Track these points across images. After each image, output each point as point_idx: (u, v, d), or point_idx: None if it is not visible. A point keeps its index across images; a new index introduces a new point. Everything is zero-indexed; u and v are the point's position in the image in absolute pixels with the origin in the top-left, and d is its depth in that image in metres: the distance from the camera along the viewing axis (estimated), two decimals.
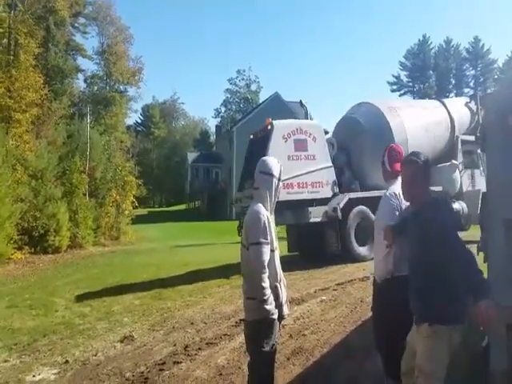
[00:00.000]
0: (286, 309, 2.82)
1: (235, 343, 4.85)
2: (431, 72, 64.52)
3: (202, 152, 51.05)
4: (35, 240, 14.90)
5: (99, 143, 22.30)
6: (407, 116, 10.92)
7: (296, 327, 5.30)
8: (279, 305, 2.71)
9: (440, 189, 10.27)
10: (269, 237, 2.66)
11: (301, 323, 5.46)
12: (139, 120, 67.23)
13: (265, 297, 2.59)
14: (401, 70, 66.10)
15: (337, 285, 7.58)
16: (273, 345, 2.71)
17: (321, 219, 9.62)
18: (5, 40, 21.49)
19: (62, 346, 5.16)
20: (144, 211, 38.51)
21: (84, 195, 19.05)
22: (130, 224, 23.55)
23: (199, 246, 16.84)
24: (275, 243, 2.77)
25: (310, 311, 5.99)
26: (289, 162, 9.08)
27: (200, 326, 5.64)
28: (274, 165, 2.85)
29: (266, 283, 2.60)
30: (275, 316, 2.67)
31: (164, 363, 4.38)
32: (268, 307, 2.61)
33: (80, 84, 41.82)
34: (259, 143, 9.78)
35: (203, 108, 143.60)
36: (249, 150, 10.71)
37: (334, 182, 9.97)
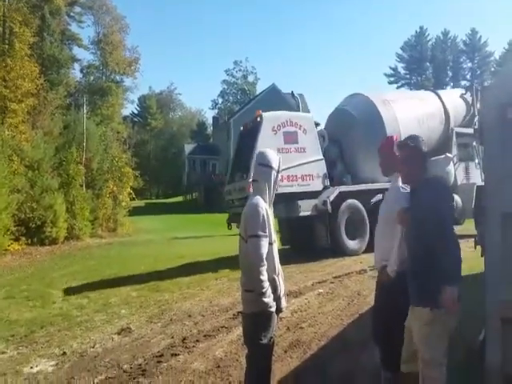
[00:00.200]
0: (284, 301, 2.82)
1: (233, 336, 4.86)
2: (428, 64, 64.35)
3: (199, 143, 50.90)
4: (32, 231, 14.88)
5: (96, 134, 22.18)
6: (400, 108, 10.80)
7: (293, 320, 5.32)
8: (277, 297, 2.72)
9: None
10: (267, 230, 2.65)
11: (298, 316, 5.49)
12: (136, 111, 66.89)
13: (263, 289, 2.59)
14: (398, 62, 65.96)
15: (334, 278, 7.60)
16: (271, 337, 2.71)
17: (310, 213, 9.50)
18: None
19: (60, 338, 5.17)
20: (141, 203, 38.43)
21: (81, 186, 19.01)
22: (127, 215, 23.54)
23: (196, 238, 16.85)
24: (274, 236, 2.76)
25: (308, 304, 6.01)
26: (278, 155, 8.99)
27: (198, 319, 5.65)
28: (273, 157, 2.84)
29: (264, 276, 2.60)
30: (273, 309, 2.68)
31: (162, 355, 4.39)
32: (266, 300, 2.61)
33: (76, 74, 41.59)
34: (249, 135, 9.65)
35: (200, 99, 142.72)
36: (239, 142, 10.59)
37: (325, 175, 9.86)
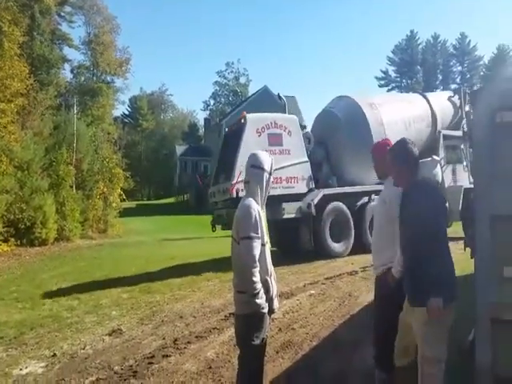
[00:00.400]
0: (276, 303, 2.83)
1: (224, 337, 4.87)
2: (419, 67, 64.93)
3: (191, 145, 50.75)
4: (21, 232, 14.72)
5: (86, 135, 22.04)
6: (387, 111, 10.79)
7: (285, 321, 5.34)
8: (269, 299, 2.72)
9: None
10: (259, 231, 2.66)
11: (290, 317, 5.50)
12: (127, 112, 66.43)
13: (255, 291, 2.60)
14: (389, 65, 66.48)
15: (325, 279, 7.63)
16: (263, 338, 2.72)
17: (294, 215, 9.46)
18: None
19: (50, 339, 5.13)
20: (132, 204, 38.23)
21: (71, 187, 18.86)
22: (118, 217, 23.39)
23: (188, 240, 16.81)
24: (266, 237, 2.77)
25: (299, 305, 6.03)
26: None
27: (189, 320, 5.64)
28: (266, 159, 2.84)
29: (257, 277, 2.61)
30: (266, 310, 2.69)
31: (153, 357, 4.38)
32: (258, 301, 2.62)
33: (66, 74, 41.01)
34: (233, 137, 9.60)
35: (192, 100, 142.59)
36: (224, 144, 10.52)
37: (310, 178, 9.83)
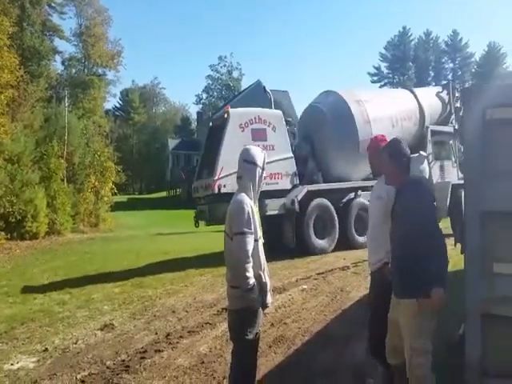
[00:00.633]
0: (270, 297, 2.84)
1: (217, 331, 4.88)
2: (411, 64, 65.04)
3: (183, 139, 50.44)
4: (12, 226, 14.57)
5: (77, 127, 21.79)
6: (374, 107, 10.67)
7: (278, 316, 5.37)
8: (263, 293, 2.74)
9: None
10: (252, 226, 2.67)
11: (282, 312, 5.54)
12: (118, 105, 65.76)
13: (249, 286, 2.62)
14: (381, 62, 66.55)
15: (317, 274, 7.67)
16: (256, 333, 2.74)
17: (278, 212, 9.37)
18: None
19: (41, 334, 5.11)
20: (124, 198, 37.96)
21: (62, 181, 18.68)
22: (110, 211, 23.24)
23: (180, 234, 16.76)
24: (259, 233, 2.78)
25: (292, 300, 6.07)
26: None
27: (182, 315, 5.65)
28: (258, 154, 2.85)
29: (250, 273, 2.62)
30: (259, 305, 2.71)
31: (145, 351, 4.39)
32: (252, 296, 2.64)
33: (57, 66, 40.54)
34: (217, 132, 9.51)
35: (184, 94, 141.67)
36: (208, 138, 10.38)
37: (294, 174, 9.76)
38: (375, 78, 66.74)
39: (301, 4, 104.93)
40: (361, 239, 10.10)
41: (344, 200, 10.47)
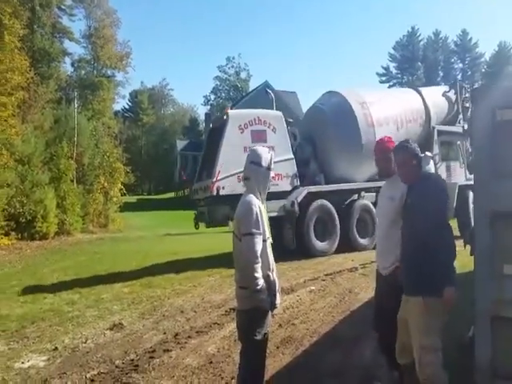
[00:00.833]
0: (278, 298, 2.84)
1: (225, 332, 4.89)
2: (420, 64, 64.55)
3: (192, 140, 50.52)
4: (22, 226, 14.77)
5: (87, 129, 22.02)
6: (378, 108, 10.44)
7: (286, 316, 5.36)
8: (271, 294, 2.74)
9: None
10: (261, 227, 2.68)
11: (290, 313, 5.53)
12: (127, 106, 66.27)
13: (258, 287, 2.62)
14: (390, 62, 66.14)
15: (326, 275, 7.65)
16: (265, 334, 2.75)
17: (277, 214, 9.22)
18: None
19: (51, 333, 5.15)
20: (133, 199, 38.26)
21: (71, 181, 18.88)
22: (118, 211, 23.40)
23: (188, 235, 16.80)
24: (267, 233, 2.79)
25: (300, 301, 6.06)
26: (245, 154, 8.74)
27: (190, 315, 5.67)
28: (265, 155, 2.87)
29: (259, 273, 2.63)
30: (268, 305, 2.71)
31: (154, 351, 4.41)
32: (261, 297, 2.65)
33: (67, 68, 40.89)
34: (216, 133, 9.43)
35: (193, 95, 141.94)
36: (207, 140, 10.36)
37: (295, 175, 9.65)
38: (384, 79, 66.38)
39: (308, 4, 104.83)
40: (363, 241, 10.04)
41: (346, 201, 10.37)
